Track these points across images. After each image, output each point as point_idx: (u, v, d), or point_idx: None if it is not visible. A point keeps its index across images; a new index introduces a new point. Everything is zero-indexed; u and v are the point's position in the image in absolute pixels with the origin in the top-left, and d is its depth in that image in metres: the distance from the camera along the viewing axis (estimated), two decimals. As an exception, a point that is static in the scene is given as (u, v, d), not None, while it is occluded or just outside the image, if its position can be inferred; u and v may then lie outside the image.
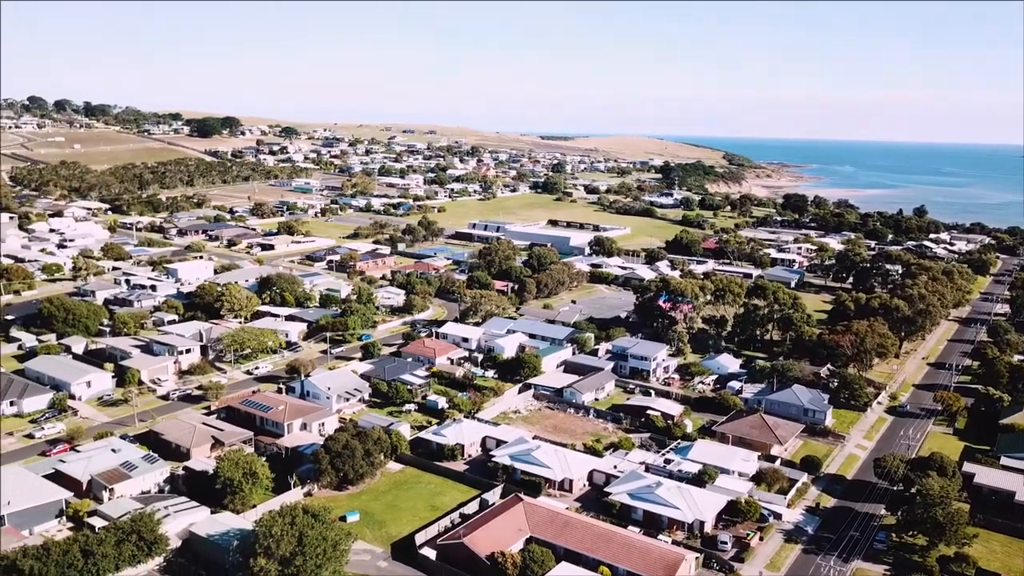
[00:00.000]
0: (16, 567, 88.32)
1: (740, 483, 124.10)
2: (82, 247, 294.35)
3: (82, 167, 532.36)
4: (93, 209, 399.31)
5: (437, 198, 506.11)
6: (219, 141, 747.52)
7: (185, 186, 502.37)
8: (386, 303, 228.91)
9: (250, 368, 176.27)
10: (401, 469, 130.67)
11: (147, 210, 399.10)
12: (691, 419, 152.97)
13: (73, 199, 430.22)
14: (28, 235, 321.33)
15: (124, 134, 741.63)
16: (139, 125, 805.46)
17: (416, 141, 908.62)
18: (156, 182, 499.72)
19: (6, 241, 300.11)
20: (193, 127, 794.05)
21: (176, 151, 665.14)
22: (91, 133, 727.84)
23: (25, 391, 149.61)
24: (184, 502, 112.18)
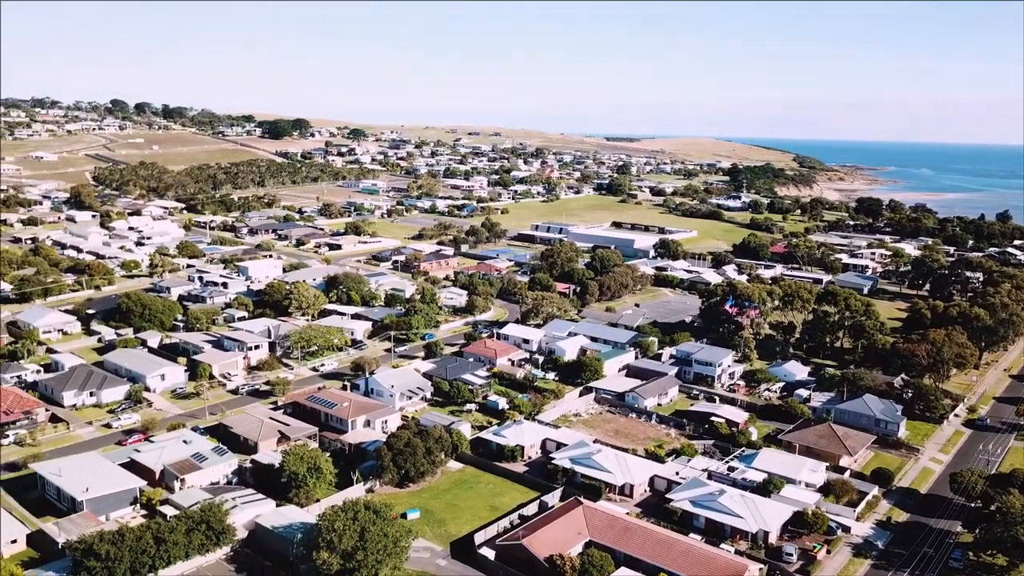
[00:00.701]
0: (93, 551, 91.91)
1: (807, 494, 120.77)
2: (159, 245, 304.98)
3: (160, 167, 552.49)
4: (170, 208, 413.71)
5: (500, 200, 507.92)
6: (289, 143, 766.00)
7: (256, 186, 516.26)
8: (449, 303, 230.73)
9: (316, 365, 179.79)
10: (461, 468, 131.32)
11: (220, 209, 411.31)
12: (756, 427, 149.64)
13: (151, 198, 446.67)
14: (109, 233, 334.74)
15: (199, 136, 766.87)
16: (213, 127, 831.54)
17: (481, 143, 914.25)
18: (229, 182, 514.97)
19: (89, 238, 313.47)
20: (265, 129, 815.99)
21: (248, 152, 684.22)
22: (169, 135, 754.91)
23: (104, 382, 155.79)
24: (251, 494, 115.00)
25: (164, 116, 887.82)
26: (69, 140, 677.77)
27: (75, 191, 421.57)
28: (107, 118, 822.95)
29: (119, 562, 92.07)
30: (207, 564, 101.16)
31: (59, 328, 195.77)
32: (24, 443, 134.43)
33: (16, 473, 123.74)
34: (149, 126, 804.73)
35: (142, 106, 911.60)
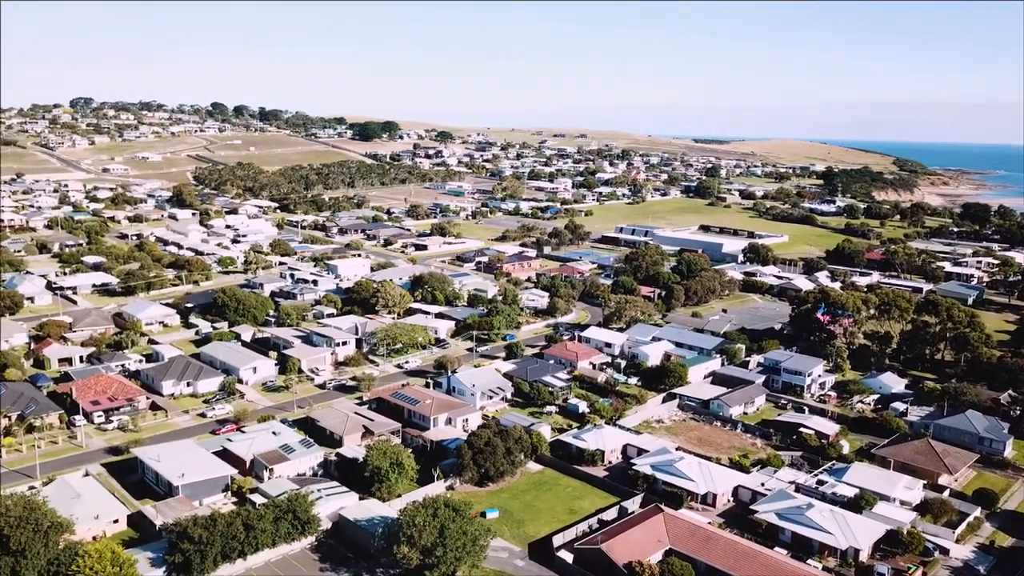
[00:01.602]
0: (187, 534, 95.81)
1: (901, 512, 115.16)
2: (253, 243, 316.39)
3: (256, 168, 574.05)
4: (264, 207, 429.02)
5: (585, 202, 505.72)
6: (379, 145, 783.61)
7: (346, 187, 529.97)
8: (530, 305, 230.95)
9: (400, 362, 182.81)
10: (540, 470, 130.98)
11: (311, 209, 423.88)
12: (848, 440, 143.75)
13: (247, 198, 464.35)
14: (207, 230, 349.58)
15: (293, 137, 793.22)
16: (307, 129, 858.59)
17: (566, 145, 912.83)
18: (320, 183, 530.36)
19: (189, 235, 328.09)
20: (355, 131, 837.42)
21: (339, 154, 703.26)
22: (264, 136, 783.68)
23: (200, 373, 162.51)
24: (335, 486, 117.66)
25: (260, 118, 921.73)
26: (173, 141, 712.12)
27: (177, 190, 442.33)
28: (208, 120, 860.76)
29: (211, 546, 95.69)
30: (292, 552, 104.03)
31: (160, 320, 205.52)
32: (127, 429, 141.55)
33: (119, 457, 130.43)
34: (246, 128, 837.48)
35: (240, 109, 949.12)
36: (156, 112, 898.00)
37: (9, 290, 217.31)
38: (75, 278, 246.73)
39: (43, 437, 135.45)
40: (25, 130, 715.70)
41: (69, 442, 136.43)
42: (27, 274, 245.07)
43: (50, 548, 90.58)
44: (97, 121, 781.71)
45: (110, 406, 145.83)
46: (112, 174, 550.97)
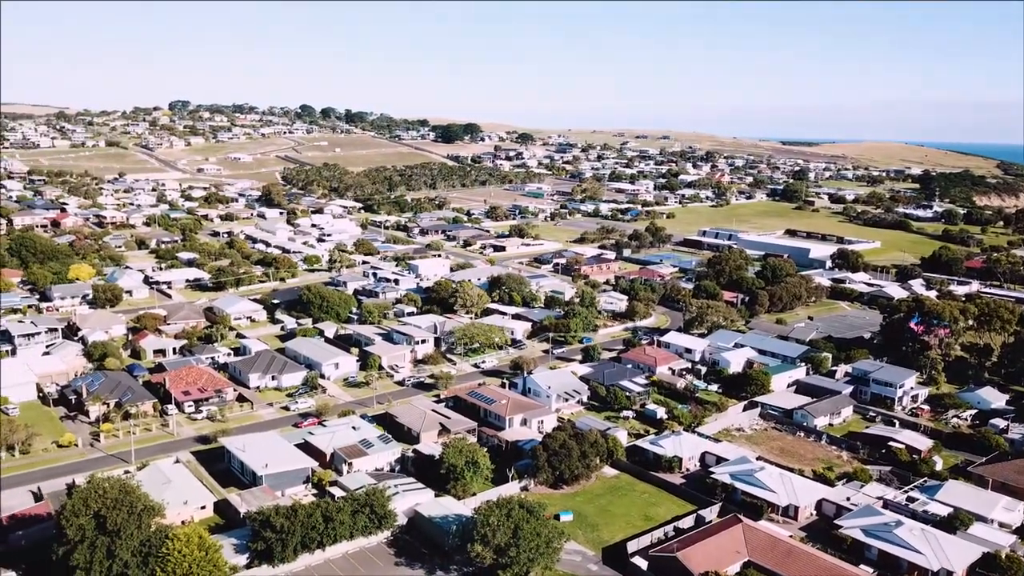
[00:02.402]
0: (270, 523, 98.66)
1: (1000, 534, 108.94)
2: (337, 242, 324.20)
3: (341, 169, 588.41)
4: (348, 207, 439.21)
5: (666, 204, 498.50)
6: (460, 147, 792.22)
7: (428, 188, 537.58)
8: (608, 308, 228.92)
9: (477, 362, 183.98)
10: (616, 475, 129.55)
11: (394, 210, 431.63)
12: (941, 456, 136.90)
13: (332, 198, 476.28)
14: (294, 229, 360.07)
15: (377, 139, 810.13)
16: (391, 131, 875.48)
17: (648, 147, 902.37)
18: (403, 184, 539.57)
19: (276, 234, 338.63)
20: (438, 133, 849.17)
21: (422, 155, 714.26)
22: (350, 138, 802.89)
23: (284, 368, 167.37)
24: (412, 483, 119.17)
25: (346, 120, 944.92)
26: (263, 143, 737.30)
27: (266, 190, 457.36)
28: (296, 122, 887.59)
29: (291, 535, 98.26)
30: (369, 546, 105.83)
31: (248, 315, 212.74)
32: (215, 419, 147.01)
33: (207, 446, 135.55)
34: (333, 130, 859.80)
35: (327, 111, 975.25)
36: (248, 114, 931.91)
37: (110, 283, 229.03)
38: (170, 273, 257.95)
39: (138, 424, 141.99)
40: (127, 132, 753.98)
41: (162, 430, 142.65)
42: (126, 269, 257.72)
43: (143, 530, 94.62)
44: (193, 123, 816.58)
45: (200, 396, 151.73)
46: (206, 174, 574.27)
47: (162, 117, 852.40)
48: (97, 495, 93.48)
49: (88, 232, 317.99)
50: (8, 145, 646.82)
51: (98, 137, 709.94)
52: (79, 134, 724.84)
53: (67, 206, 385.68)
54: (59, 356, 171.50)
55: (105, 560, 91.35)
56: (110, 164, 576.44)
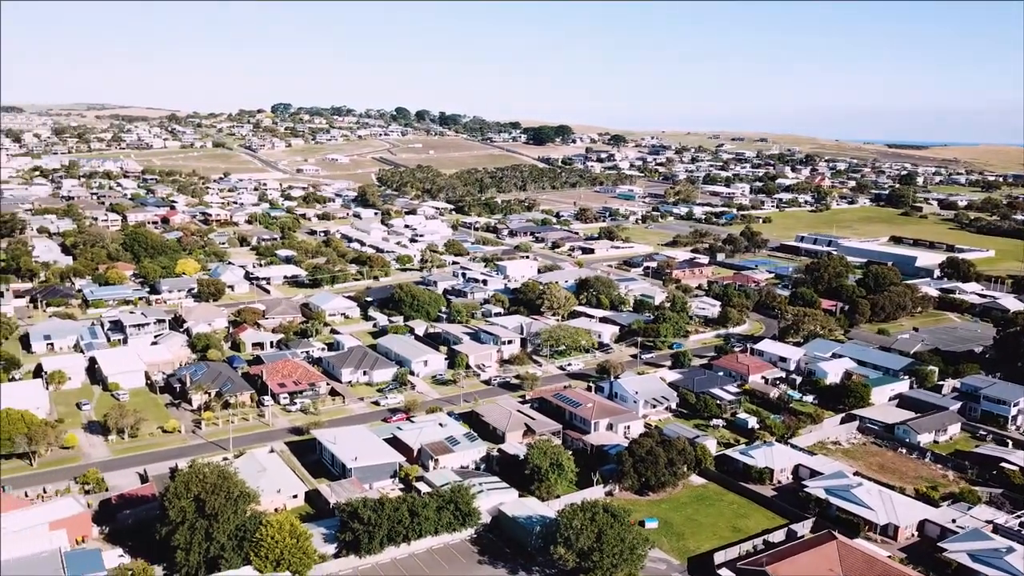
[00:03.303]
0: (358, 514, 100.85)
1: None
2: (429, 242, 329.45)
3: (434, 171, 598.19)
4: (440, 209, 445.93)
5: (763, 208, 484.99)
6: (551, 148, 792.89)
7: (518, 190, 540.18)
8: (700, 313, 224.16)
9: (563, 364, 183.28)
10: (704, 484, 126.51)
11: (484, 211, 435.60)
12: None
13: (425, 199, 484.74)
14: (387, 229, 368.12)
15: (470, 141, 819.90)
16: (483, 133, 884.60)
17: (745, 149, 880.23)
18: (494, 186, 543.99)
19: (371, 234, 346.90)
20: (529, 135, 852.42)
21: (513, 158, 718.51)
22: (443, 140, 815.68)
23: (376, 364, 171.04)
24: (496, 482, 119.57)
25: (440, 123, 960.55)
26: (359, 144, 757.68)
27: (361, 191, 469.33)
28: (391, 125, 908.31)
29: (378, 528, 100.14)
30: (453, 542, 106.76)
31: (342, 312, 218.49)
32: (308, 411, 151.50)
33: (300, 437, 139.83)
34: (427, 132, 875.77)
35: (422, 113, 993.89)
36: (345, 117, 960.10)
37: (214, 278, 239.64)
38: (269, 270, 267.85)
39: (236, 413, 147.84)
40: (232, 133, 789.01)
41: (258, 420, 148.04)
42: (229, 265, 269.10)
43: (239, 515, 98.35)
44: (294, 125, 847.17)
45: (294, 389, 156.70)
46: (305, 174, 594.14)
47: (265, 119, 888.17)
48: (198, 479, 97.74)
49: (195, 229, 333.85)
50: (124, 146, 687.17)
51: (206, 138, 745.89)
52: (188, 135, 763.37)
53: (176, 204, 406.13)
54: (166, 346, 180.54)
55: (203, 542, 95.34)
56: (216, 164, 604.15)
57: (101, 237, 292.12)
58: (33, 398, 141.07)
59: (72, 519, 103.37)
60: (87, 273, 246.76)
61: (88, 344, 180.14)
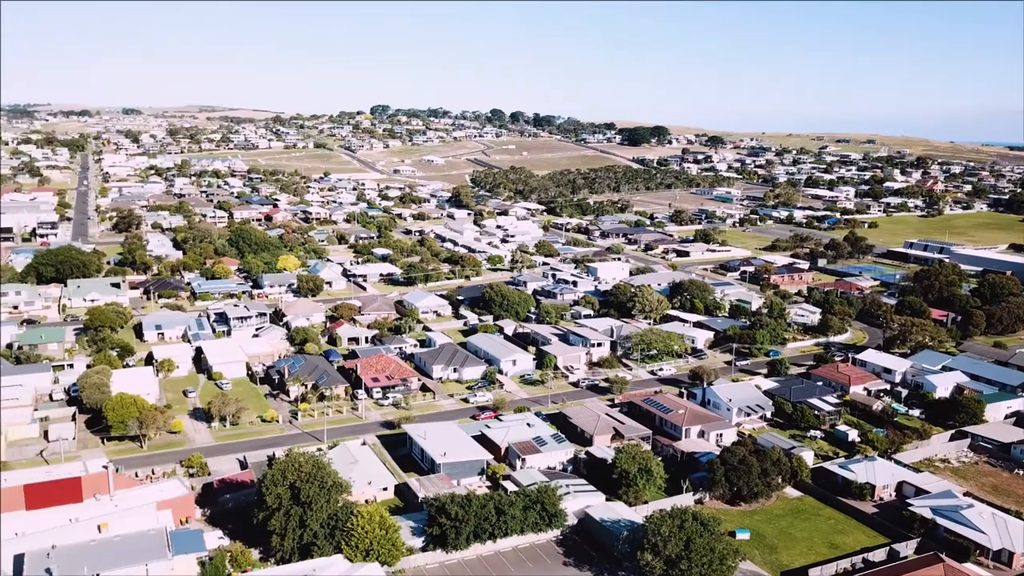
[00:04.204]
0: (445, 509, 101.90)
1: None
2: (520, 243, 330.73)
3: (527, 172, 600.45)
4: (532, 210, 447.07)
5: (869, 212, 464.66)
6: (647, 150, 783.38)
7: (611, 192, 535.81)
8: (799, 320, 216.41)
9: (654, 368, 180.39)
10: (799, 497, 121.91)
11: (576, 212, 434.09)
12: None
13: (517, 200, 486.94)
14: (479, 230, 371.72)
15: (563, 143, 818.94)
16: (577, 134, 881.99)
17: (850, 151, 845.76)
18: (586, 187, 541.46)
19: (463, 234, 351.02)
20: (624, 136, 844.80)
21: (606, 159, 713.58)
22: (537, 141, 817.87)
23: (465, 361, 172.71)
24: (583, 484, 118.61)
25: (534, 124, 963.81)
26: (454, 146, 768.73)
27: (455, 191, 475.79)
28: (486, 126, 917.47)
29: (464, 524, 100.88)
30: (538, 542, 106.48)
31: (434, 310, 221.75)
32: (399, 406, 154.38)
33: (391, 431, 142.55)
34: (521, 134, 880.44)
35: (516, 115, 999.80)
36: (442, 119, 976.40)
37: (313, 275, 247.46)
38: (366, 267, 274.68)
39: (331, 406, 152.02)
40: (333, 134, 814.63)
41: (351, 413, 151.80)
42: (328, 262, 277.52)
43: (331, 504, 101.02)
44: (391, 127, 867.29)
45: (387, 384, 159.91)
46: (401, 175, 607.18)
47: (364, 121, 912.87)
48: (293, 468, 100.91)
49: (296, 227, 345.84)
50: (232, 146, 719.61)
51: (308, 139, 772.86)
52: (292, 136, 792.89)
53: (279, 202, 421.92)
54: (266, 339, 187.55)
55: (297, 528, 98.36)
56: (317, 164, 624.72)
57: (209, 233, 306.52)
58: (144, 384, 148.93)
59: (177, 500, 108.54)
60: (196, 267, 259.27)
61: (195, 335, 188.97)
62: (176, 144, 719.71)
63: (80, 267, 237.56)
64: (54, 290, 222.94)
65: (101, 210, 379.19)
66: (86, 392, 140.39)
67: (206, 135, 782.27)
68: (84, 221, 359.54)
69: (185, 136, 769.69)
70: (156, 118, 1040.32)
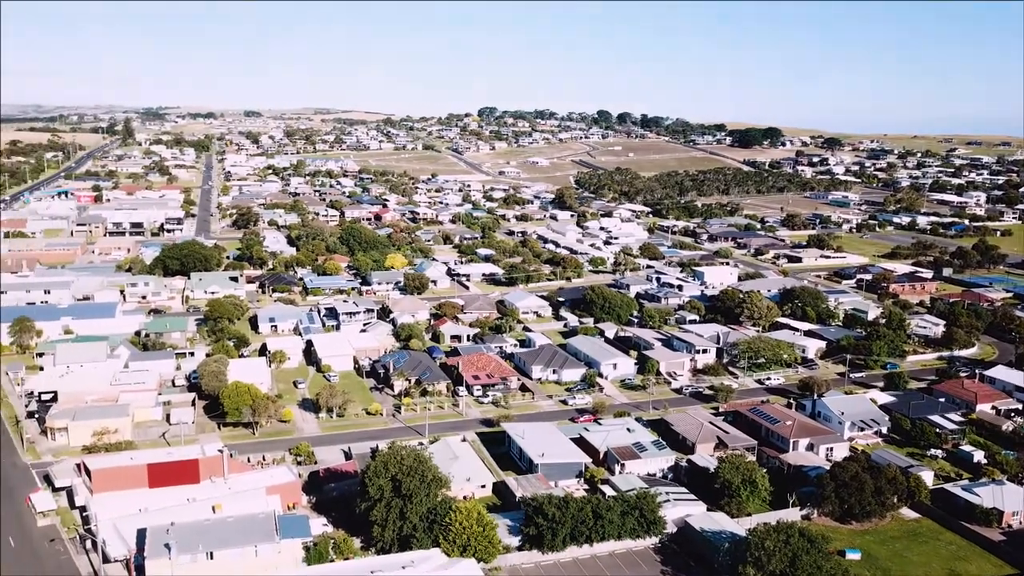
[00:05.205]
0: (542, 510, 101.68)
1: None
2: (623, 245, 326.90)
3: (632, 173, 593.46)
4: (637, 211, 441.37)
5: (1002, 219, 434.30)
6: (758, 152, 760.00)
7: (720, 194, 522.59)
8: (920, 332, 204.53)
9: (762, 377, 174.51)
10: (917, 518, 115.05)
11: (683, 215, 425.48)
12: None
13: (622, 202, 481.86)
14: (582, 231, 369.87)
15: (672, 144, 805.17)
16: (686, 136, 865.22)
17: (982, 154, 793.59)
18: (694, 189, 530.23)
19: (566, 235, 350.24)
20: (735, 138, 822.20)
21: (716, 161, 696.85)
22: (644, 143, 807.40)
23: (565, 363, 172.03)
24: (683, 493, 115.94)
25: (642, 125, 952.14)
26: (560, 147, 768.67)
27: (559, 193, 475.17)
28: (592, 127, 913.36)
29: (562, 526, 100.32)
30: (636, 549, 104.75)
31: (534, 311, 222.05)
32: (499, 404, 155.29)
33: (490, 429, 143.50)
34: (628, 135, 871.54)
35: (623, 116, 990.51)
36: (548, 120, 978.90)
37: (419, 273, 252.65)
38: (469, 267, 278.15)
39: (432, 401, 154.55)
40: (441, 136, 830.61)
41: (452, 409, 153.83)
42: (433, 261, 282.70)
43: (431, 498, 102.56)
44: (498, 128, 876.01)
45: (487, 382, 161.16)
46: (506, 176, 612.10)
47: (471, 123, 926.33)
48: (395, 461, 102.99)
49: (404, 226, 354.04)
50: (344, 147, 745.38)
51: (416, 141, 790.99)
52: (401, 138, 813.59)
53: (388, 202, 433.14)
54: (373, 334, 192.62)
55: (398, 520, 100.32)
56: (424, 165, 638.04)
57: (321, 231, 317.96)
58: (258, 374, 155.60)
59: (286, 486, 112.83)
60: (308, 263, 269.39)
61: (306, 328, 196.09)
62: (292, 145, 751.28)
63: (202, 261, 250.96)
64: (178, 282, 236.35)
65: (222, 207, 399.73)
66: (205, 379, 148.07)
67: (320, 136, 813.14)
68: (207, 218, 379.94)
69: (301, 137, 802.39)
70: (274, 120, 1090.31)
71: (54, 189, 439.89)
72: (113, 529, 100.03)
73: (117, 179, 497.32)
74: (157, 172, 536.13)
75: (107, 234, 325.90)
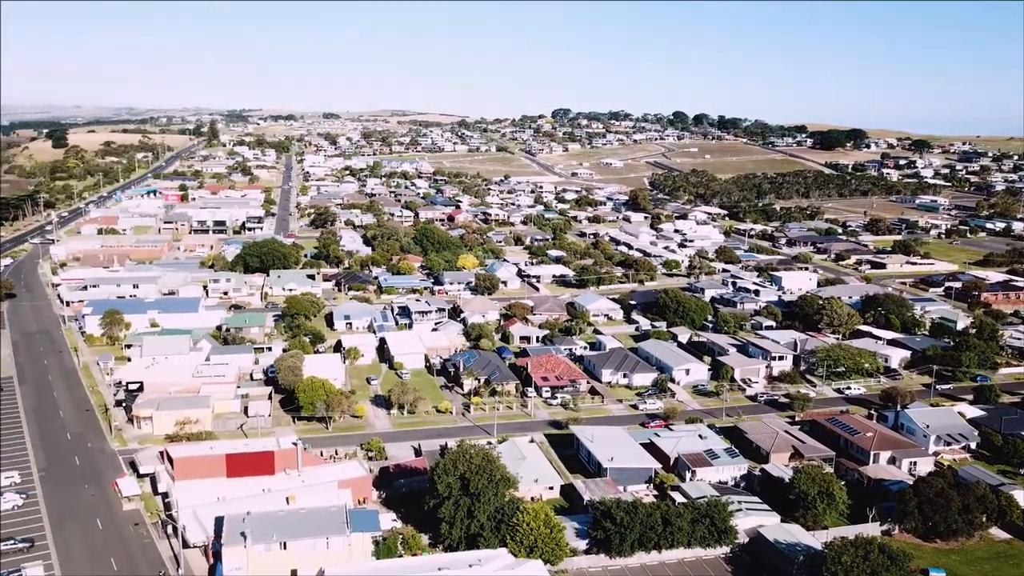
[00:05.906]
0: (611, 514, 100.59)
1: None
2: (699, 248, 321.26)
3: (708, 175, 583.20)
4: (713, 214, 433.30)
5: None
6: (841, 154, 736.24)
7: (800, 197, 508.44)
8: (1014, 344, 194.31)
9: (840, 387, 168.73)
10: (1008, 540, 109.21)
11: (760, 218, 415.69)
12: None
13: (697, 204, 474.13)
14: (656, 233, 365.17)
15: (749, 146, 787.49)
16: (764, 137, 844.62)
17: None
18: (772, 192, 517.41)
19: (639, 237, 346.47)
20: (816, 140, 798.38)
21: (796, 163, 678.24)
22: (721, 144, 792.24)
23: (636, 367, 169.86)
24: (756, 502, 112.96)
25: (719, 127, 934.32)
26: (634, 149, 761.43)
27: (633, 194, 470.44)
28: (668, 129, 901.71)
29: (630, 530, 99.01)
30: (705, 558, 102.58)
31: (605, 313, 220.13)
32: (567, 406, 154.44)
33: (558, 431, 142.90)
34: (704, 136, 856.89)
35: (700, 117, 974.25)
36: (622, 121, 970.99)
37: (490, 273, 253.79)
38: (539, 268, 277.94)
39: (501, 401, 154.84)
40: (514, 138, 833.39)
41: (520, 409, 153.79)
42: (504, 261, 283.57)
43: (498, 498, 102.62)
44: (572, 130, 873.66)
45: (556, 384, 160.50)
46: (579, 178, 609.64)
47: (545, 124, 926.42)
48: (464, 459, 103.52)
49: (476, 227, 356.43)
50: (419, 149, 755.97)
51: (490, 143, 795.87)
52: (475, 140, 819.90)
53: (461, 203, 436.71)
54: (444, 333, 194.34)
55: (465, 518, 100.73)
56: (497, 167, 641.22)
57: (396, 231, 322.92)
58: (332, 370, 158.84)
59: (357, 481, 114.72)
60: (383, 263, 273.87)
61: (379, 326, 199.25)
62: (369, 146, 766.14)
63: (281, 259, 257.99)
64: (258, 279, 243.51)
65: (301, 207, 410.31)
66: (281, 374, 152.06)
67: (396, 138, 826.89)
68: (286, 217, 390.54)
69: (377, 139, 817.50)
70: (352, 122, 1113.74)
71: (144, 188, 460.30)
72: (193, 516, 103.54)
73: (202, 179, 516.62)
74: (240, 172, 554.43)
75: (192, 232, 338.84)
